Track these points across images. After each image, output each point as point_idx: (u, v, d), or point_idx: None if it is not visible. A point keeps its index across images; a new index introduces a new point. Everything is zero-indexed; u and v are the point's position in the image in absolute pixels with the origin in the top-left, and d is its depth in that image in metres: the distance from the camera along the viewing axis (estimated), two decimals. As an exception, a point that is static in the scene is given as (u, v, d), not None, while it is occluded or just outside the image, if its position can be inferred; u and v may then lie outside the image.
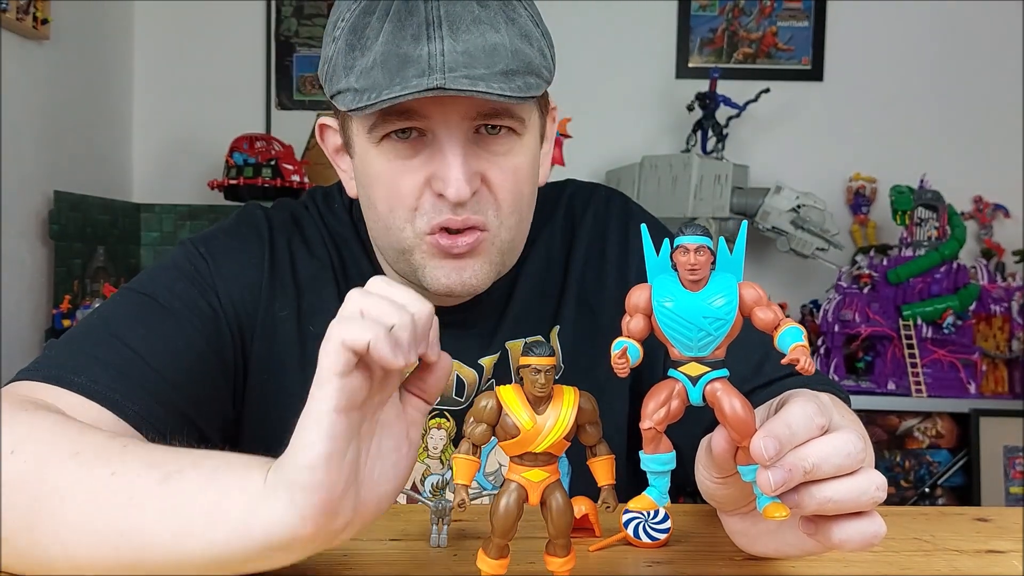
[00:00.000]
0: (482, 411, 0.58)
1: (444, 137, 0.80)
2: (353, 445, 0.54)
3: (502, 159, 0.83)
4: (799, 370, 0.53)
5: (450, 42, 0.75)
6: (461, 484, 0.58)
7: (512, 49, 0.77)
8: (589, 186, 1.02)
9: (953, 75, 2.98)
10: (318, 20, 3.03)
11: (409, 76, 0.75)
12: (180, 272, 0.88)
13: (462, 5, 0.77)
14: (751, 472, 0.55)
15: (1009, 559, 0.72)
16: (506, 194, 0.83)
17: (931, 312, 2.47)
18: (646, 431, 0.55)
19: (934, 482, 2.50)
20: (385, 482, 0.57)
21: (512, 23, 0.79)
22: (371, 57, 0.76)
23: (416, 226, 0.82)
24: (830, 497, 0.54)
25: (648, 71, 3.00)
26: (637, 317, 0.55)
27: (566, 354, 0.94)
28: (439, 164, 0.80)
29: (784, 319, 0.54)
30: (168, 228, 2.98)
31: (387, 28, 0.76)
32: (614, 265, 0.96)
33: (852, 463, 0.54)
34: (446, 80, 0.74)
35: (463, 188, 0.79)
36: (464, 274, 0.83)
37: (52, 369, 0.77)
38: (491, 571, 0.59)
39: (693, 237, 0.54)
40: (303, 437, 0.53)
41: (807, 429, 0.54)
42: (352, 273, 0.93)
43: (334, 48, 0.80)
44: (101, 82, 2.79)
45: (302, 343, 0.90)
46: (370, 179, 0.84)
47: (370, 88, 0.76)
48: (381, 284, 0.58)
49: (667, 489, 0.57)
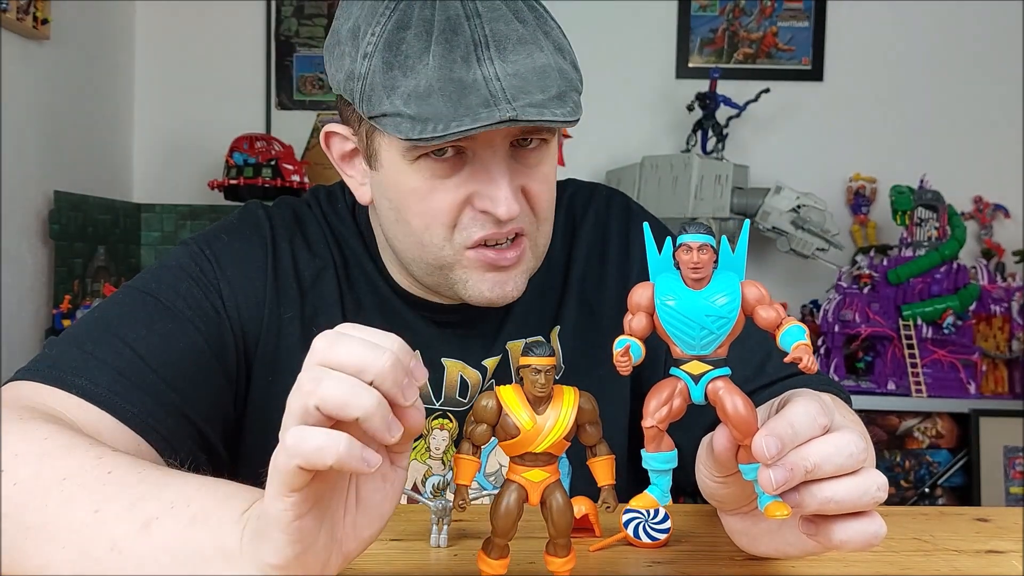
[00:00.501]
0: (482, 411, 0.58)
1: (488, 157, 0.79)
2: (327, 515, 0.54)
3: (536, 170, 0.83)
4: (801, 369, 0.53)
5: (500, 65, 0.75)
6: (461, 484, 0.58)
7: (558, 69, 0.78)
8: (590, 186, 1.02)
9: (953, 75, 2.98)
10: (318, 20, 3.03)
11: (474, 105, 0.73)
12: (184, 272, 0.87)
13: (504, 22, 0.77)
14: (752, 471, 0.55)
15: (1009, 559, 0.72)
16: (542, 203, 0.85)
17: (931, 312, 2.47)
18: (648, 429, 0.55)
19: (934, 482, 2.50)
20: (368, 526, 0.57)
21: (548, 36, 0.79)
22: (420, 80, 0.75)
23: (455, 242, 0.82)
24: (831, 497, 0.54)
25: (648, 71, 3.00)
26: (639, 315, 0.56)
27: (567, 354, 0.94)
28: (484, 183, 0.80)
29: (786, 318, 0.54)
30: (168, 228, 2.98)
31: (435, 50, 0.75)
32: (615, 265, 0.97)
33: (853, 463, 0.54)
34: (516, 112, 0.73)
35: (513, 206, 0.79)
36: (507, 287, 0.84)
37: (52, 370, 0.77)
38: (491, 571, 0.59)
39: (696, 235, 0.54)
40: (270, 539, 0.52)
41: (809, 428, 0.54)
42: (355, 273, 0.93)
43: (367, 65, 0.77)
44: (101, 82, 2.79)
45: (306, 344, 0.89)
46: (403, 195, 0.82)
47: (433, 118, 0.74)
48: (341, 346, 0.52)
49: (669, 487, 0.57)
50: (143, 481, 0.61)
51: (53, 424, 0.68)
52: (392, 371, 0.51)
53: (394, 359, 0.52)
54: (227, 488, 0.59)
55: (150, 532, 0.57)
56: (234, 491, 0.59)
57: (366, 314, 0.92)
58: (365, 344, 0.52)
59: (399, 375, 0.52)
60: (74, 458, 0.64)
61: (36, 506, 0.61)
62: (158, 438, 0.78)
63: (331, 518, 0.54)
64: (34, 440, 0.65)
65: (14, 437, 0.65)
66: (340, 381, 0.51)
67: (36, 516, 0.60)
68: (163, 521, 0.57)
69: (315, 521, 0.52)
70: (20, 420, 0.67)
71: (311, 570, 0.53)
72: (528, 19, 0.79)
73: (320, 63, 3.02)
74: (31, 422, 0.67)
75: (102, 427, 0.75)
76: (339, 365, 0.52)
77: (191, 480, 0.61)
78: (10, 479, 0.62)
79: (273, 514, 0.51)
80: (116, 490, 0.60)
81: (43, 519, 0.60)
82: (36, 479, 0.62)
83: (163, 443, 0.78)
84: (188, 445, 0.81)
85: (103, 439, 0.71)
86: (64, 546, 0.59)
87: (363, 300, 0.92)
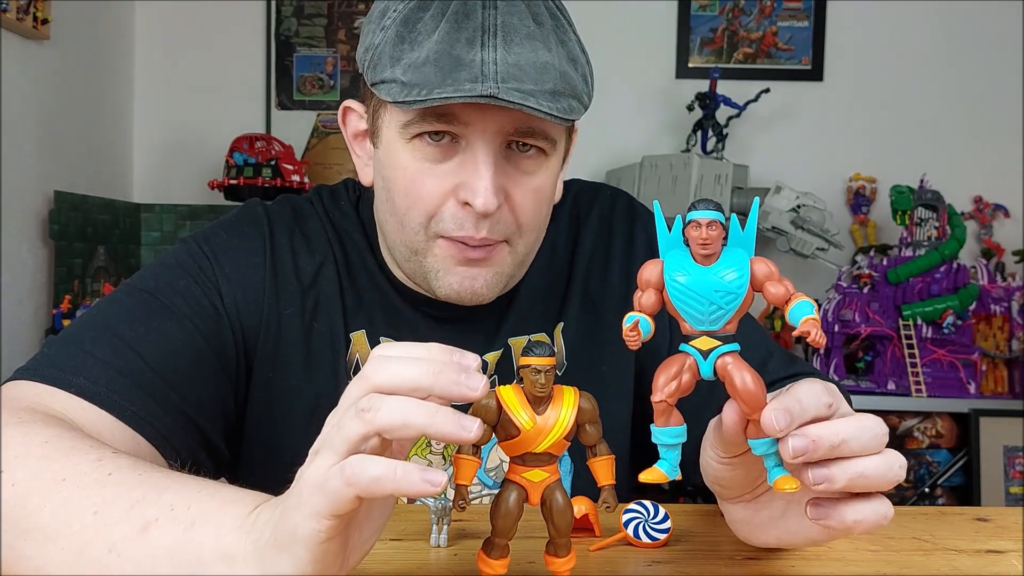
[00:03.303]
0: (482, 411, 0.58)
1: (479, 147, 0.80)
2: (342, 546, 0.53)
3: (526, 178, 0.83)
4: (809, 342, 0.53)
5: (503, 52, 0.76)
6: (461, 484, 0.58)
7: (560, 70, 0.78)
8: (594, 186, 1.03)
9: (953, 75, 2.98)
10: (318, 20, 3.03)
11: (461, 79, 0.75)
12: (183, 270, 0.87)
13: (519, 18, 0.78)
14: (763, 445, 0.55)
15: (1009, 559, 0.72)
16: (526, 214, 0.84)
17: (931, 312, 2.47)
18: (657, 404, 0.56)
19: (934, 482, 2.50)
20: (372, 535, 0.57)
21: (562, 45, 0.80)
22: (422, 53, 0.76)
23: (430, 229, 0.83)
24: (862, 471, 0.55)
25: (648, 71, 3.00)
26: (649, 292, 0.56)
27: (570, 351, 0.95)
28: (469, 173, 0.80)
29: (795, 293, 0.54)
30: (168, 228, 2.98)
31: (443, 27, 0.77)
32: (619, 263, 0.97)
33: (878, 444, 0.56)
34: (499, 90, 0.74)
35: (491, 200, 0.79)
36: (476, 282, 0.84)
37: (51, 369, 0.77)
38: (491, 571, 0.59)
39: (705, 212, 0.54)
40: (291, 554, 0.52)
41: (816, 406, 0.55)
42: (356, 268, 0.93)
43: (382, 37, 0.80)
44: (101, 82, 2.79)
45: (307, 340, 0.90)
46: (394, 171, 0.84)
47: (421, 84, 0.76)
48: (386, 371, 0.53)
49: (678, 462, 0.57)
50: (143, 484, 0.61)
51: (54, 427, 0.68)
52: (442, 376, 0.52)
53: (439, 365, 0.52)
54: (228, 492, 0.59)
55: (149, 535, 0.57)
56: (235, 495, 0.58)
57: (367, 309, 0.92)
58: (408, 362, 0.53)
59: (451, 376, 0.52)
60: (73, 460, 0.63)
61: (34, 507, 0.61)
62: (157, 436, 0.78)
63: (345, 532, 0.54)
64: (34, 442, 0.65)
65: (14, 439, 0.65)
66: (396, 402, 0.51)
67: (34, 518, 0.60)
68: (162, 524, 0.57)
69: (340, 545, 0.52)
70: (20, 423, 0.67)
71: None
72: (545, 23, 0.80)
73: (320, 63, 3.03)
74: (31, 424, 0.67)
75: (101, 426, 0.75)
76: (392, 389, 0.52)
77: (191, 483, 0.61)
78: (9, 480, 0.62)
79: (303, 532, 0.51)
80: (115, 492, 0.60)
81: (41, 520, 0.60)
82: (35, 480, 0.62)
83: (162, 441, 0.78)
84: (187, 443, 0.81)
85: (103, 438, 0.71)
86: (63, 547, 0.59)
87: (364, 295, 0.93)
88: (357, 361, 0.91)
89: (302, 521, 0.51)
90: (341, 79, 3.04)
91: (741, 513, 0.66)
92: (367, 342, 0.91)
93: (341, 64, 3.04)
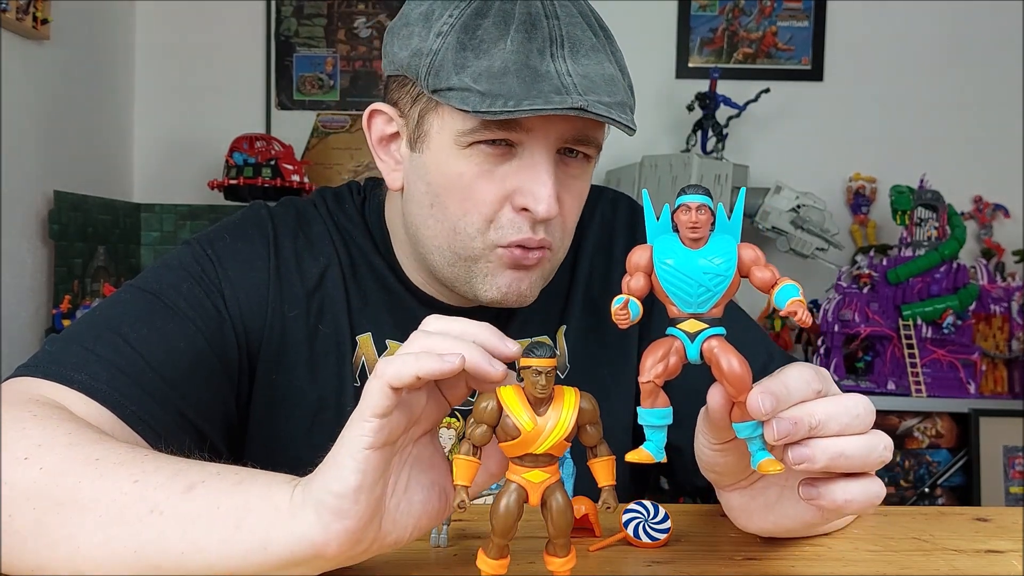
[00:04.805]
0: (482, 412, 0.58)
1: (540, 154, 0.80)
2: (381, 480, 0.56)
3: (573, 183, 0.84)
4: (797, 321, 0.54)
5: (572, 64, 0.77)
6: (461, 485, 0.58)
7: (623, 83, 0.81)
8: (596, 188, 1.03)
9: (953, 75, 2.98)
10: (318, 20, 3.03)
11: (546, 91, 0.75)
12: (187, 272, 0.87)
13: (580, 29, 0.79)
14: (747, 429, 0.55)
15: (1008, 559, 0.72)
16: (571, 217, 0.86)
17: (931, 312, 2.47)
18: (644, 384, 0.56)
19: (934, 482, 2.50)
20: (407, 518, 0.59)
21: (613, 56, 0.82)
22: (494, 62, 0.76)
23: (488, 237, 0.83)
24: (841, 451, 0.55)
25: (648, 71, 3.00)
26: (637, 275, 0.57)
27: (572, 353, 0.95)
28: (528, 179, 0.80)
29: (781, 277, 0.55)
30: (168, 228, 2.98)
31: (514, 36, 0.77)
32: (621, 266, 0.97)
33: (860, 424, 0.56)
34: (587, 103, 0.75)
35: (553, 206, 0.80)
36: (522, 285, 0.85)
37: (52, 365, 0.77)
38: (491, 571, 0.59)
39: (694, 196, 0.55)
40: (337, 465, 0.55)
41: (803, 390, 0.56)
42: (361, 270, 0.93)
43: (440, 43, 0.79)
44: (101, 82, 2.79)
45: (311, 342, 0.90)
46: (447, 179, 0.82)
47: (504, 95, 0.75)
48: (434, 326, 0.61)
49: (664, 444, 0.57)
50: (181, 460, 0.63)
51: (73, 421, 0.68)
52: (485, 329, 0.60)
53: (482, 325, 0.60)
54: (265, 472, 0.61)
55: (194, 494, 0.58)
56: (274, 473, 0.61)
57: (373, 311, 0.92)
58: (454, 320, 0.61)
59: (492, 333, 0.60)
60: (104, 445, 0.64)
61: (70, 484, 0.60)
62: (155, 436, 0.78)
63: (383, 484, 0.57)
64: (58, 432, 0.65)
65: (33, 430, 0.65)
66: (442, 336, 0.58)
67: (70, 492, 0.60)
68: (208, 483, 0.58)
69: (380, 463, 0.55)
70: (34, 414, 0.67)
71: (360, 522, 0.55)
72: (599, 34, 0.82)
73: (320, 63, 3.04)
74: (51, 416, 0.67)
75: (101, 422, 0.74)
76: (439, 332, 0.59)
77: (227, 465, 0.62)
78: (35, 465, 0.62)
79: (352, 437, 0.55)
80: (156, 465, 0.61)
81: (78, 494, 0.60)
82: (66, 463, 0.62)
83: (159, 441, 0.78)
84: (186, 443, 0.81)
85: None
86: (100, 514, 0.59)
87: (370, 297, 0.93)
88: (364, 363, 0.90)
89: (349, 429, 0.55)
90: (341, 79, 3.04)
91: (737, 500, 0.66)
92: (373, 344, 0.91)
93: (341, 64, 3.04)
